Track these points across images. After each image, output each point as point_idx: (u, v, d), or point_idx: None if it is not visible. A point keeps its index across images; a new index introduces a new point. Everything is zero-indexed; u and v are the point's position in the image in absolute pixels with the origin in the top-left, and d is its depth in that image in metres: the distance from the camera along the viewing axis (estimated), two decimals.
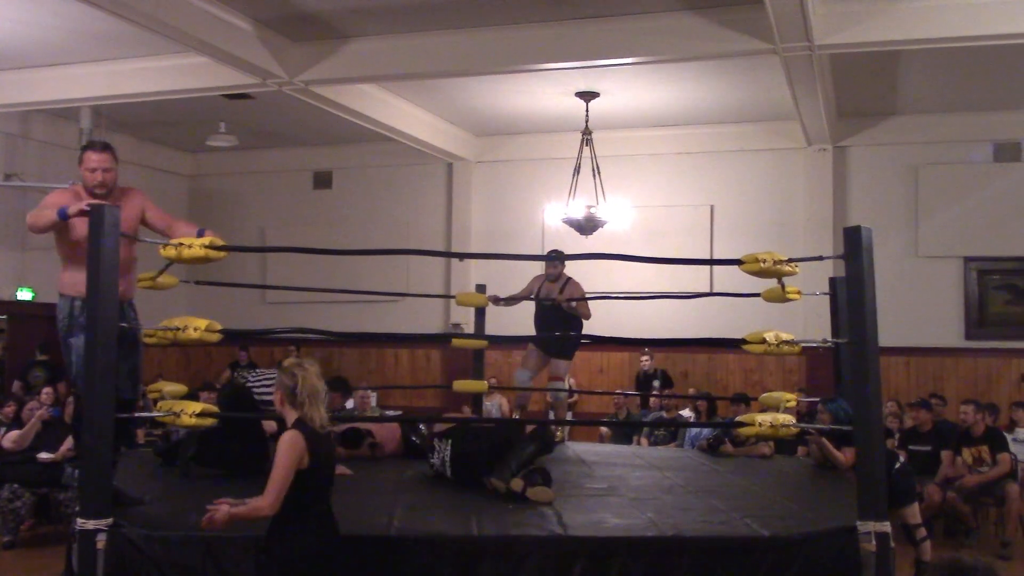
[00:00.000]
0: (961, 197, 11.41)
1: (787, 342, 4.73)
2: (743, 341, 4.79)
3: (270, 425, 6.90)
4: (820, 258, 4.84)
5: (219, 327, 4.68)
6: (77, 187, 5.02)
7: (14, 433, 8.26)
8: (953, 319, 11.48)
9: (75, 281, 4.68)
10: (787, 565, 4.14)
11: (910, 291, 11.49)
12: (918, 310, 11.46)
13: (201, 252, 4.55)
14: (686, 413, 10.61)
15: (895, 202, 11.69)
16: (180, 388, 6.46)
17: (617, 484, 5.68)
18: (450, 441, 5.66)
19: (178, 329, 4.56)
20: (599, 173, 10.78)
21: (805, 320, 10.66)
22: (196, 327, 4.57)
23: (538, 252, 11.82)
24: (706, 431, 8.45)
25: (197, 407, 4.54)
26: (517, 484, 5.09)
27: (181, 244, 4.58)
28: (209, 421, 4.70)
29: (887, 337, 11.77)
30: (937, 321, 11.49)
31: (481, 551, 4.16)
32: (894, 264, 11.57)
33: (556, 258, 7.36)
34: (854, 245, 4.38)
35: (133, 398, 5.17)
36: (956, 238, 11.44)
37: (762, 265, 4.70)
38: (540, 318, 7.98)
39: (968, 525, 8.55)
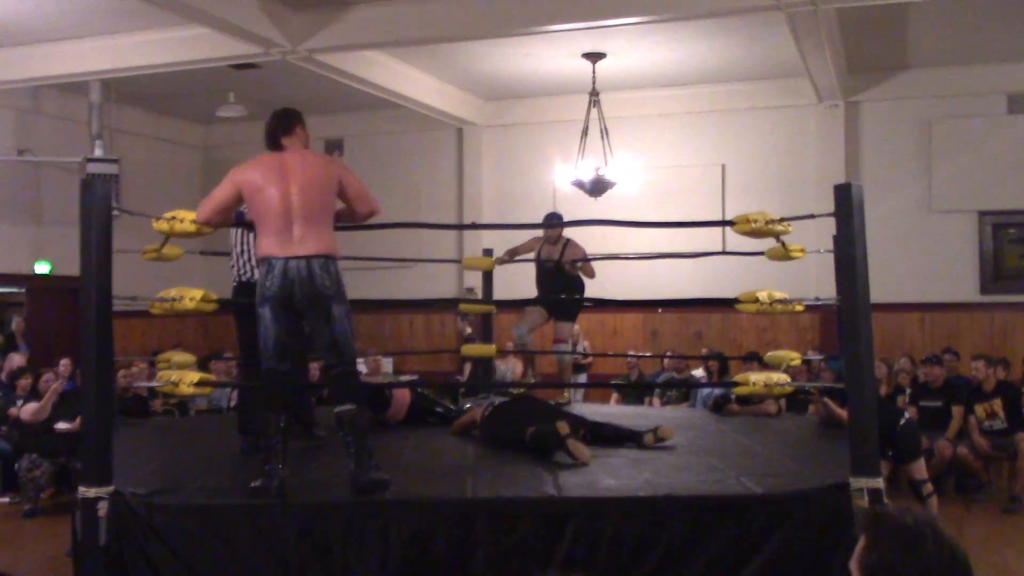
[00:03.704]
0: (975, 150, 11.25)
1: (780, 301, 4.73)
2: (736, 300, 4.80)
3: None
4: (811, 216, 4.82)
5: (215, 297, 4.74)
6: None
7: (32, 405, 8.43)
8: (968, 274, 11.38)
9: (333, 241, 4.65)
10: (779, 522, 4.18)
11: (924, 246, 11.41)
12: (932, 265, 11.39)
13: (192, 227, 4.60)
14: (698, 373, 10.62)
15: (908, 157, 11.56)
16: (188, 358, 6.55)
17: (619, 445, 5.71)
18: (503, 401, 6.12)
19: (173, 300, 4.62)
20: (607, 135, 10.73)
21: (817, 278, 10.59)
22: (192, 297, 4.63)
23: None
24: (717, 391, 8.47)
25: (195, 376, 4.61)
26: (563, 427, 5.19)
27: (174, 218, 4.63)
28: (207, 390, 4.77)
29: (901, 293, 11.76)
30: (952, 276, 11.39)
31: (475, 513, 4.22)
32: (907, 219, 11.49)
33: (554, 225, 7.35)
34: (845, 203, 4.36)
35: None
36: (970, 192, 11.31)
37: (753, 225, 4.70)
38: (541, 281, 8.00)
39: (980, 480, 8.56)
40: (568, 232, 8.01)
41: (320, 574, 4.19)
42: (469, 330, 11.76)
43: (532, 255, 8.00)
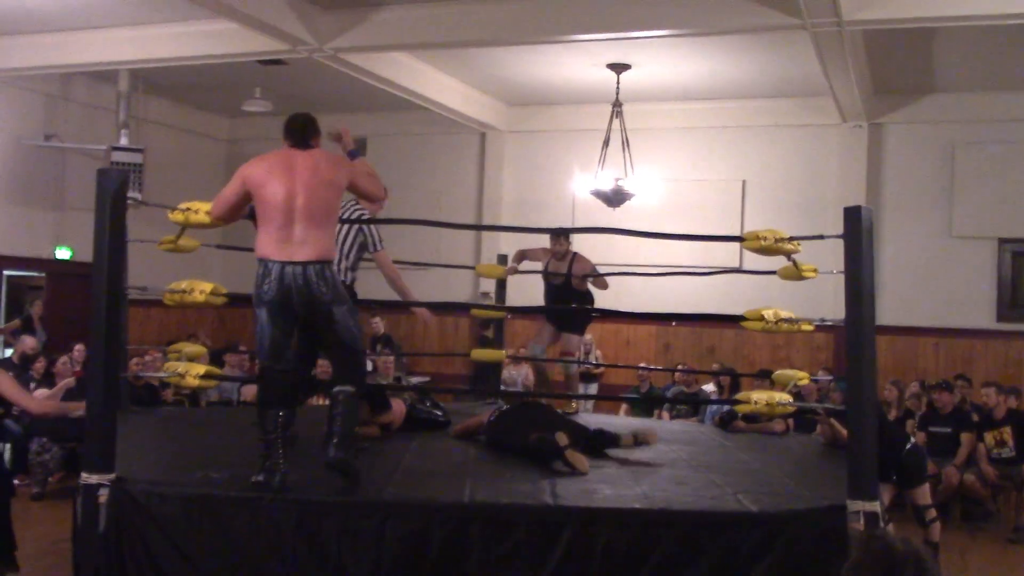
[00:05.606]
0: (997, 177, 11.19)
1: (786, 320, 4.74)
2: (741, 318, 4.80)
3: None
4: (821, 237, 4.82)
5: (224, 291, 4.79)
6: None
7: (43, 393, 8.47)
8: (985, 301, 11.31)
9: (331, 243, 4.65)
10: (772, 542, 4.17)
11: (942, 271, 11.36)
12: (950, 291, 11.34)
13: (207, 219, 4.65)
14: (709, 388, 10.60)
15: (930, 181, 11.51)
16: (199, 350, 6.61)
17: (622, 456, 5.72)
18: (509, 406, 6.23)
19: (184, 292, 4.68)
20: (628, 146, 10.75)
21: (834, 298, 10.53)
22: (202, 290, 4.68)
23: (568, 223, 11.83)
24: (724, 407, 8.45)
25: (201, 369, 4.66)
26: (562, 439, 5.22)
27: (188, 209, 4.69)
28: (212, 383, 4.81)
29: (917, 317, 11.65)
30: (969, 302, 11.33)
31: (470, 517, 4.24)
32: (927, 243, 11.45)
33: (561, 231, 7.33)
34: (854, 225, 4.37)
35: None
36: (991, 219, 11.24)
37: (763, 243, 4.71)
38: (550, 297, 7.99)
39: (986, 508, 8.51)
40: (580, 242, 8.01)
41: (316, 570, 4.23)
42: (382, 331, 11.79)
43: (539, 265, 7.98)
